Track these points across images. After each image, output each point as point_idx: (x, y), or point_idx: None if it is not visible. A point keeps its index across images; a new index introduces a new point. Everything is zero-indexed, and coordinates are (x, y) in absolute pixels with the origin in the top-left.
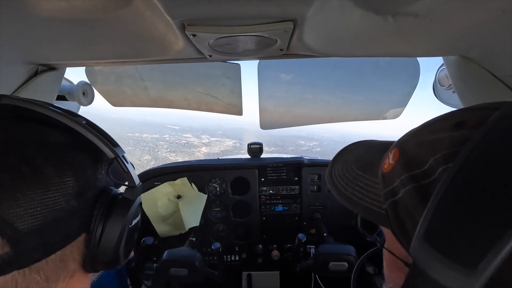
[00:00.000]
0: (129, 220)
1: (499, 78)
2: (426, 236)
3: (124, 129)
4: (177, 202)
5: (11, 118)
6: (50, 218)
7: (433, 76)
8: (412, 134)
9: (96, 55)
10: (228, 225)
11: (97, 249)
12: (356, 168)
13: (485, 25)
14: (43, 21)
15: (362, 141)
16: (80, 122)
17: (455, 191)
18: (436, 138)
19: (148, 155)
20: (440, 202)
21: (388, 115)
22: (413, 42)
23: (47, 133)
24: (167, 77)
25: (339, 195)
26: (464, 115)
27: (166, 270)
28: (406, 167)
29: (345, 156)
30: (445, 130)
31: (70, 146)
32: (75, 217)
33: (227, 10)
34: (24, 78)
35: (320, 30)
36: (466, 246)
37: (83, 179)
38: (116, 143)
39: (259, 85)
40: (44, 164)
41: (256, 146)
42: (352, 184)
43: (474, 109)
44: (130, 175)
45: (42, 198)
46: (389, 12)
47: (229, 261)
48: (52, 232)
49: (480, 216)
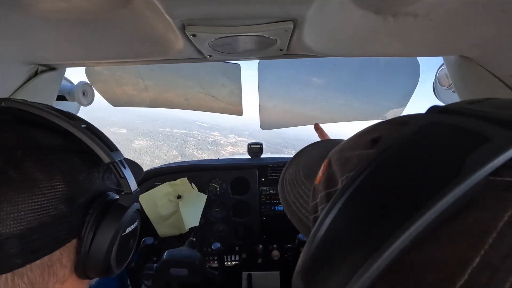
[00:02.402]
0: (122, 227)
1: (499, 78)
2: (301, 271)
3: (156, 124)
4: (177, 202)
5: (8, 121)
6: (34, 223)
7: (433, 76)
8: (340, 146)
9: (96, 55)
10: (228, 225)
11: (87, 256)
12: (302, 174)
13: (485, 25)
14: (43, 21)
15: (318, 142)
16: (77, 126)
17: (327, 225)
18: (350, 155)
19: (175, 150)
20: (314, 235)
21: (388, 115)
22: (413, 42)
23: (41, 137)
24: (167, 77)
25: (283, 201)
26: (380, 131)
27: (166, 270)
28: (325, 183)
29: (299, 159)
30: (360, 147)
31: (63, 150)
32: (64, 223)
33: (227, 10)
34: (24, 78)
35: (320, 30)
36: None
37: (74, 184)
38: (115, 147)
39: (259, 85)
40: (32, 168)
41: (256, 146)
42: (295, 190)
43: (389, 123)
44: (125, 181)
45: (27, 202)
46: (389, 12)
47: (229, 261)
48: (36, 238)
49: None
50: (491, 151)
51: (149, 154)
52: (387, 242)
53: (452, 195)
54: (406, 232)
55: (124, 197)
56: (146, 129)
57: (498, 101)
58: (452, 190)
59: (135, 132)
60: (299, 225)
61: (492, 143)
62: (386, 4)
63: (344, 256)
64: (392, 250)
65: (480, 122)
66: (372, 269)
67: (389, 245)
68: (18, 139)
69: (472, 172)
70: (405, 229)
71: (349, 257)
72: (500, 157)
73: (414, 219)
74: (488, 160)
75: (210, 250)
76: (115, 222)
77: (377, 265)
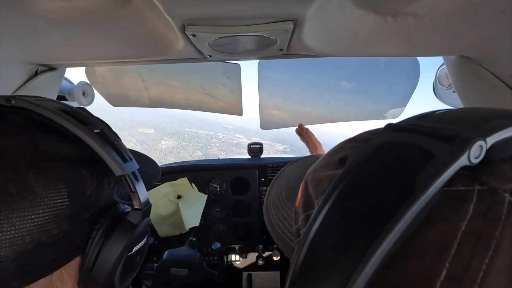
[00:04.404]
0: (129, 246)
1: (499, 78)
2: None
3: (183, 124)
4: (177, 202)
5: (16, 124)
6: (33, 245)
7: (433, 76)
8: (314, 166)
9: (96, 55)
10: (228, 225)
11: (90, 274)
12: (284, 196)
13: (485, 25)
14: (43, 21)
15: (297, 161)
16: (89, 131)
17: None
18: (322, 176)
19: (200, 151)
20: (294, 262)
21: (388, 115)
22: (413, 42)
23: (48, 143)
24: (167, 77)
25: (269, 225)
26: (347, 149)
27: (166, 270)
28: (304, 205)
29: (280, 181)
30: (330, 167)
31: (72, 160)
32: (66, 242)
33: (227, 10)
34: (24, 78)
35: (320, 30)
36: None
37: (80, 199)
38: (130, 156)
39: (259, 85)
40: (34, 182)
41: (256, 146)
42: (279, 213)
43: (354, 141)
44: (136, 195)
45: (26, 222)
46: (389, 12)
47: (229, 261)
48: (35, 260)
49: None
50: (437, 167)
51: (174, 155)
52: (360, 264)
53: (411, 211)
54: (376, 253)
55: (133, 213)
56: (174, 129)
57: (442, 114)
58: (410, 207)
59: (162, 132)
60: (286, 251)
61: (437, 159)
62: (386, 4)
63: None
64: (367, 271)
65: (426, 139)
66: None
67: (363, 266)
68: (23, 146)
69: (424, 188)
70: (373, 250)
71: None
72: (447, 172)
73: (379, 241)
74: (436, 176)
75: (210, 250)
76: (122, 241)
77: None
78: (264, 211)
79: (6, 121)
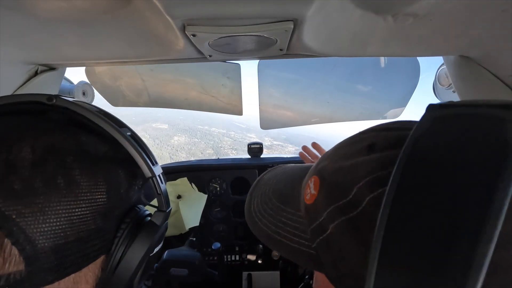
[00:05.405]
0: (152, 247)
1: (499, 78)
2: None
3: (196, 121)
4: (177, 202)
5: (59, 122)
6: (73, 237)
7: (433, 76)
8: (328, 159)
9: (96, 55)
10: (228, 225)
11: (113, 275)
12: (276, 201)
13: (485, 25)
14: (43, 21)
15: (277, 168)
16: (125, 134)
17: (399, 227)
18: (353, 163)
19: (211, 149)
20: (385, 245)
21: (388, 115)
22: (413, 42)
23: (90, 142)
24: (167, 77)
25: (262, 236)
26: (371, 137)
27: (166, 270)
28: (330, 197)
29: (262, 188)
30: (358, 154)
31: (109, 159)
32: (98, 237)
33: (227, 10)
34: (24, 78)
35: (320, 30)
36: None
37: (115, 197)
38: (155, 160)
39: (259, 85)
40: (80, 177)
41: (256, 146)
42: (274, 220)
43: (378, 130)
44: (162, 198)
45: (70, 215)
46: (389, 12)
47: (229, 261)
48: (71, 253)
49: (437, 254)
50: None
51: (185, 151)
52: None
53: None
54: (497, 225)
55: (158, 214)
56: (186, 125)
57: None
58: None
59: (176, 128)
60: (294, 257)
61: (509, 120)
62: (386, 4)
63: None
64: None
65: (482, 108)
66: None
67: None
68: (69, 143)
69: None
70: (494, 221)
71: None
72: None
73: (497, 208)
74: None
75: (210, 250)
76: (147, 241)
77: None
78: (250, 222)
79: (48, 119)
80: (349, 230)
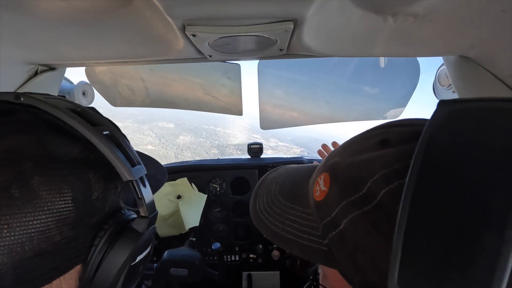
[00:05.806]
0: (133, 255)
1: (499, 78)
2: (402, 282)
3: (202, 121)
4: (177, 202)
5: (24, 122)
6: (32, 252)
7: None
8: (338, 156)
9: (96, 55)
10: (228, 225)
11: (90, 285)
12: (283, 199)
13: (485, 25)
14: (43, 21)
15: (280, 168)
16: (98, 134)
17: (424, 217)
18: (366, 158)
19: (216, 149)
20: (409, 235)
21: (388, 115)
22: (413, 42)
23: (57, 144)
24: (167, 77)
25: (269, 234)
26: (383, 133)
27: (166, 270)
28: (343, 192)
29: (267, 187)
30: (371, 150)
31: (79, 163)
32: (68, 249)
33: (227, 10)
34: (24, 78)
35: (320, 30)
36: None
37: (85, 205)
38: (138, 160)
39: (259, 85)
40: (39, 185)
41: (256, 146)
42: (282, 218)
43: (390, 126)
44: (143, 202)
45: (27, 228)
46: (389, 12)
47: (229, 261)
48: (35, 268)
49: (468, 240)
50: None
51: (191, 150)
52: None
53: None
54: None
55: (139, 221)
56: (192, 125)
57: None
58: None
59: (181, 128)
60: (305, 253)
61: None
62: (386, 4)
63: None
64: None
65: (489, 103)
66: None
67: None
68: (31, 146)
69: None
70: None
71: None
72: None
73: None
74: None
75: (210, 250)
76: (127, 249)
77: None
78: (256, 220)
79: (15, 119)
80: (364, 223)
